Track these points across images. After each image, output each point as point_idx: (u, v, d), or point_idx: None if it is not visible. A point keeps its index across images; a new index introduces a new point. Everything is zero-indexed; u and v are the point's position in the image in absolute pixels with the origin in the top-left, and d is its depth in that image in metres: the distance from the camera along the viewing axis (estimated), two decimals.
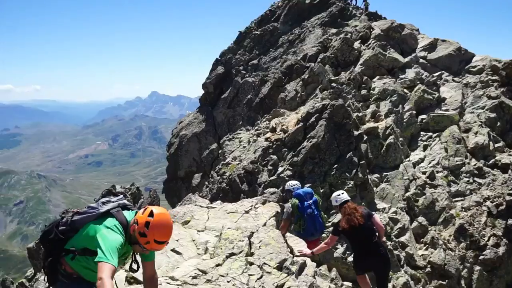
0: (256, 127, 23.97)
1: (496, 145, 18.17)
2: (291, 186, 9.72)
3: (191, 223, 8.31)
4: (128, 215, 4.02)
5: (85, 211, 4.05)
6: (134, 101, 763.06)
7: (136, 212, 3.98)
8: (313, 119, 16.83)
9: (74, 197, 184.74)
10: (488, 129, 18.62)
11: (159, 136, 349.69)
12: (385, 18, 31.62)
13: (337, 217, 13.77)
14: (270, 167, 16.59)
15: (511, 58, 21.35)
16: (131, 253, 4.14)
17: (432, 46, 24.86)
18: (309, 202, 9.09)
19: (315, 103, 18.98)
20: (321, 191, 14.73)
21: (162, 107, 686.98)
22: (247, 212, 8.65)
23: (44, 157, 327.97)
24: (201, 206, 9.59)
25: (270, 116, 23.10)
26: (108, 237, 3.69)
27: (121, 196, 4.27)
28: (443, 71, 23.06)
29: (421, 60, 24.07)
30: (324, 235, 10.54)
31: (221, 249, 6.76)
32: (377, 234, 7.61)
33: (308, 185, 14.39)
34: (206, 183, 21.12)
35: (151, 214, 3.75)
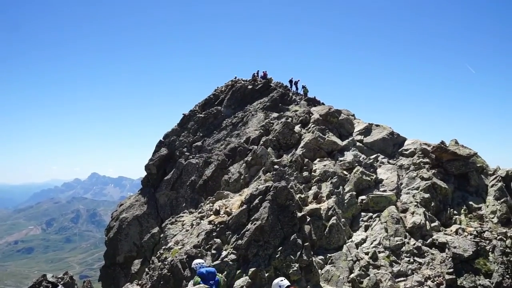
0: (200, 210, 23.63)
1: (432, 225, 18.90)
2: (195, 265, 9.81)
3: None
4: None
5: None
6: (72, 183, 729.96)
7: None
8: (256, 201, 16.87)
9: None
10: (424, 209, 19.44)
11: (97, 220, 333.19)
12: (323, 104, 33.52)
13: None
14: (213, 251, 16.16)
15: (438, 141, 22.91)
16: None
17: (367, 130, 26.37)
18: (211, 282, 8.94)
19: (259, 185, 19.18)
20: (266, 275, 14.41)
21: (102, 188, 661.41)
22: None
23: None
24: None
25: (214, 198, 22.97)
26: None
27: None
28: (378, 154, 24.30)
29: (358, 144, 25.33)
30: None
31: None
32: None
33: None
34: (147, 269, 20.09)
35: None
